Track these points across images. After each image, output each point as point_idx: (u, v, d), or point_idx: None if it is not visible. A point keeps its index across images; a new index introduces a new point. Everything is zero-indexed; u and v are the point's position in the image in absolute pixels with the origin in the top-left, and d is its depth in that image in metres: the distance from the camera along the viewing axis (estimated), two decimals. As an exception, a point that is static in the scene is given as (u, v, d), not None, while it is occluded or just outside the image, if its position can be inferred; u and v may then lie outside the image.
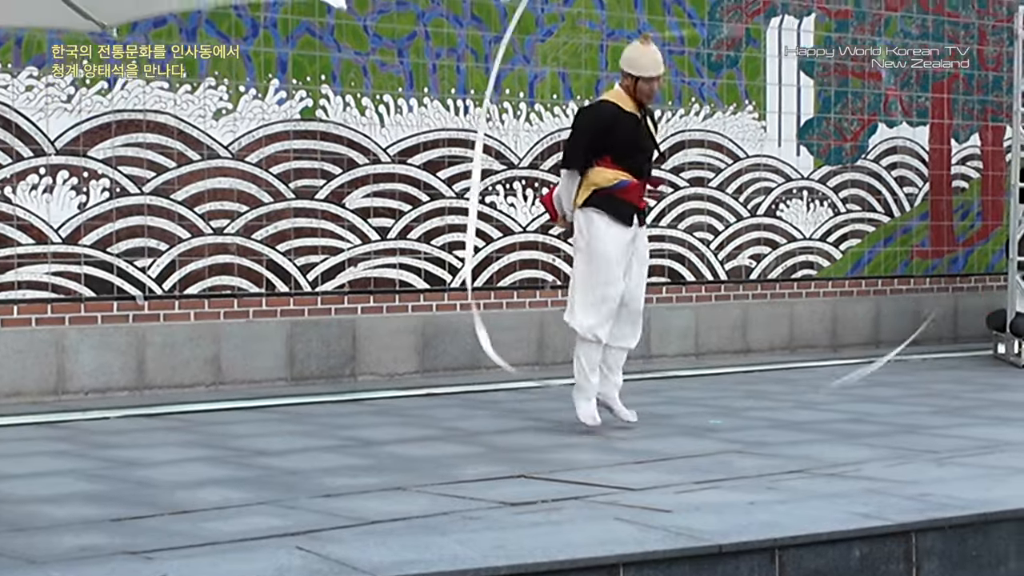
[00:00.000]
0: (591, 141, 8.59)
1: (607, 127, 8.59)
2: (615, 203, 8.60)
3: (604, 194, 8.60)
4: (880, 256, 14.13)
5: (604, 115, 8.65)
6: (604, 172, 8.60)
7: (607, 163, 8.60)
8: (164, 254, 10.49)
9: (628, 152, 8.64)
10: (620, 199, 8.61)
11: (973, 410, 9.78)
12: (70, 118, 10.17)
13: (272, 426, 9.00)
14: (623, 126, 8.62)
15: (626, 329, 8.84)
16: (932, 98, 14.40)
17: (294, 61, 10.97)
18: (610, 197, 8.60)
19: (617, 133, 8.60)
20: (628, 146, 8.64)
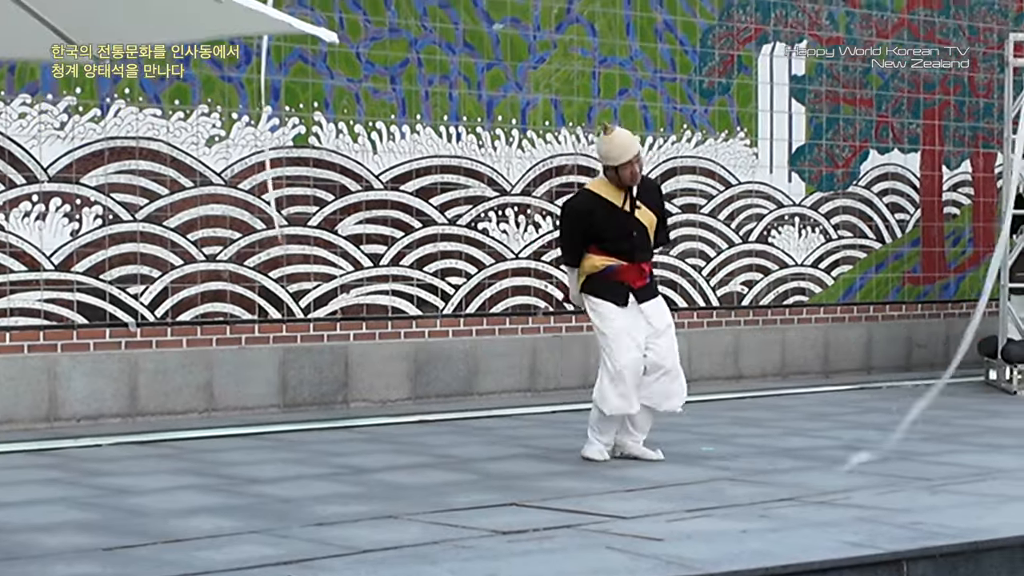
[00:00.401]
0: (573, 233, 8.82)
1: (585, 220, 8.75)
2: (607, 285, 8.73)
3: (596, 278, 8.75)
4: (872, 282, 14.15)
5: (581, 209, 8.82)
6: (592, 260, 8.76)
7: (594, 251, 8.76)
8: (157, 281, 10.49)
9: (611, 239, 8.72)
10: (612, 281, 8.72)
11: (965, 437, 9.79)
12: (63, 145, 10.19)
13: (264, 453, 8.99)
14: (601, 215, 8.73)
15: (657, 389, 8.74)
16: (923, 124, 14.44)
17: (287, 88, 11.00)
18: (601, 280, 8.74)
19: (596, 223, 8.72)
20: (611, 234, 8.72)
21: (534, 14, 12.09)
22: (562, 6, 12.26)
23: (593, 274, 8.75)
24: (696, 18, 12.97)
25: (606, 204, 8.74)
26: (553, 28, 12.21)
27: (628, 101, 12.58)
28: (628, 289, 8.73)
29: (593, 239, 8.73)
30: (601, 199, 8.76)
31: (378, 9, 11.37)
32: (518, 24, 12.01)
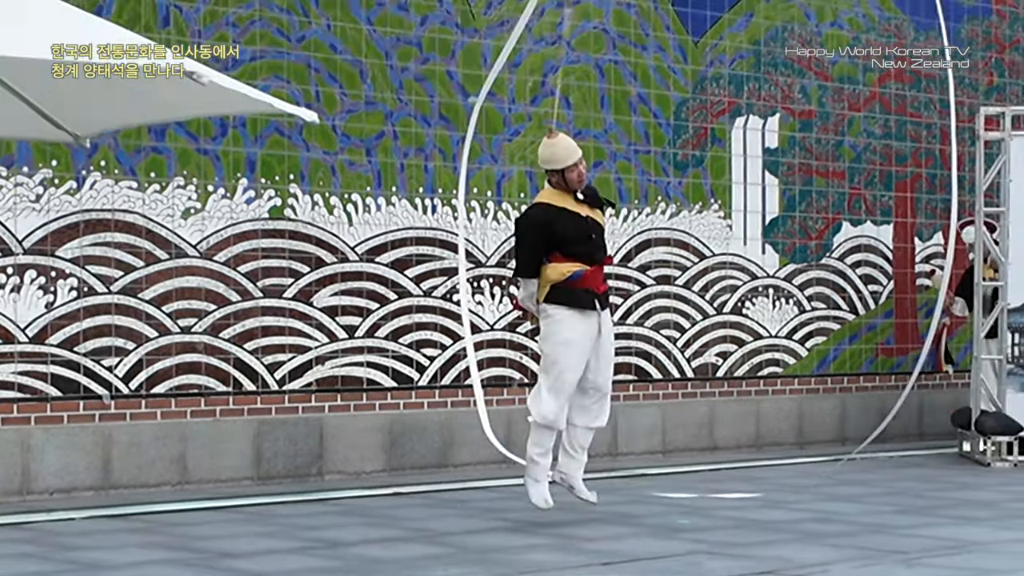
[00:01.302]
0: (535, 244, 8.93)
1: (545, 228, 8.90)
2: (574, 293, 8.89)
3: (561, 287, 8.88)
4: (846, 354, 14.20)
5: (541, 219, 8.95)
6: (557, 267, 8.90)
7: (557, 259, 8.91)
8: (131, 353, 10.47)
9: (574, 243, 8.91)
10: (579, 288, 8.90)
11: (939, 509, 9.80)
12: (38, 218, 10.19)
13: (238, 527, 8.95)
14: (561, 221, 8.91)
15: (595, 409, 9.09)
16: (896, 197, 14.54)
17: (263, 160, 11.03)
18: (568, 289, 8.89)
19: (557, 229, 8.89)
20: (573, 238, 8.91)
21: (509, 87, 12.17)
22: (537, 79, 12.34)
23: (559, 283, 8.88)
24: (670, 91, 13.06)
25: (562, 211, 8.92)
26: (528, 101, 12.29)
27: (603, 173, 12.65)
28: (594, 295, 8.92)
29: (554, 247, 8.88)
30: (556, 208, 8.95)
31: (354, 82, 11.43)
32: (493, 97, 12.08)
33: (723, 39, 13.41)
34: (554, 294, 8.91)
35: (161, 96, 4.93)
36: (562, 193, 9.01)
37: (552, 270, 8.92)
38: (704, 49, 13.31)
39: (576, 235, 8.95)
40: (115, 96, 4.85)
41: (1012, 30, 15.43)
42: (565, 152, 8.95)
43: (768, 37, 13.69)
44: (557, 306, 8.90)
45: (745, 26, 13.55)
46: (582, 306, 8.90)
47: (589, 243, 9.00)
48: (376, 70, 11.53)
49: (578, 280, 8.90)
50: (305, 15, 11.21)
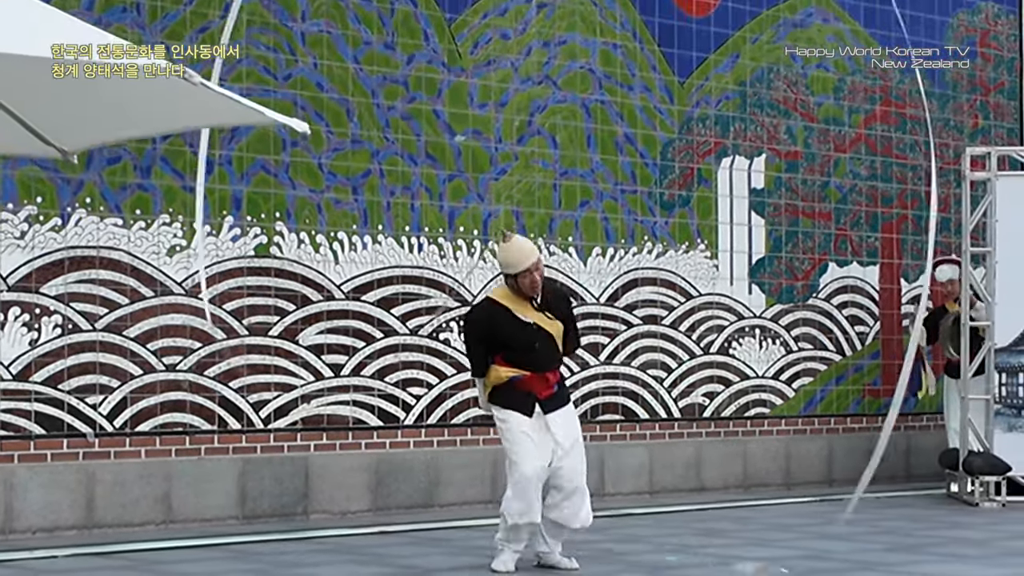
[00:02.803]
0: (479, 346, 8.69)
1: (486, 332, 8.66)
2: (512, 395, 8.60)
3: (501, 389, 8.64)
4: (832, 394, 14.17)
5: (480, 320, 8.77)
6: (497, 370, 8.64)
7: (499, 362, 8.65)
8: (116, 391, 10.41)
9: (513, 350, 8.61)
10: (518, 390, 8.60)
11: (929, 547, 9.76)
12: (23, 254, 10.14)
13: (223, 564, 8.88)
14: (501, 324, 8.62)
15: (564, 507, 8.69)
16: (882, 238, 14.55)
17: (249, 198, 11.00)
18: (507, 390, 8.62)
19: (498, 334, 8.62)
20: (512, 344, 8.60)
21: (495, 126, 12.17)
22: (523, 118, 12.34)
23: (499, 385, 8.62)
24: (656, 131, 13.08)
25: (507, 314, 8.63)
26: (515, 140, 12.29)
27: (589, 213, 12.64)
28: (534, 399, 8.59)
29: (496, 350, 8.63)
30: (502, 308, 8.66)
31: (340, 120, 11.42)
32: (479, 136, 12.09)
33: (709, 80, 13.44)
34: (496, 395, 8.66)
35: (150, 107, 4.90)
36: (514, 295, 8.67)
37: (492, 372, 8.64)
38: (690, 90, 13.33)
39: (517, 343, 8.61)
40: (104, 109, 4.82)
41: (997, 73, 15.49)
42: (518, 256, 8.54)
43: (754, 78, 13.72)
44: (501, 408, 8.64)
45: (731, 67, 13.58)
46: (521, 409, 8.57)
47: (532, 353, 8.62)
48: (363, 108, 11.53)
49: (517, 383, 8.60)
50: (292, 53, 11.21)
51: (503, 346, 8.60)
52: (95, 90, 4.50)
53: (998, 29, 15.52)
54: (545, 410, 8.59)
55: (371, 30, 11.59)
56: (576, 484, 8.64)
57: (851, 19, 14.41)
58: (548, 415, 8.59)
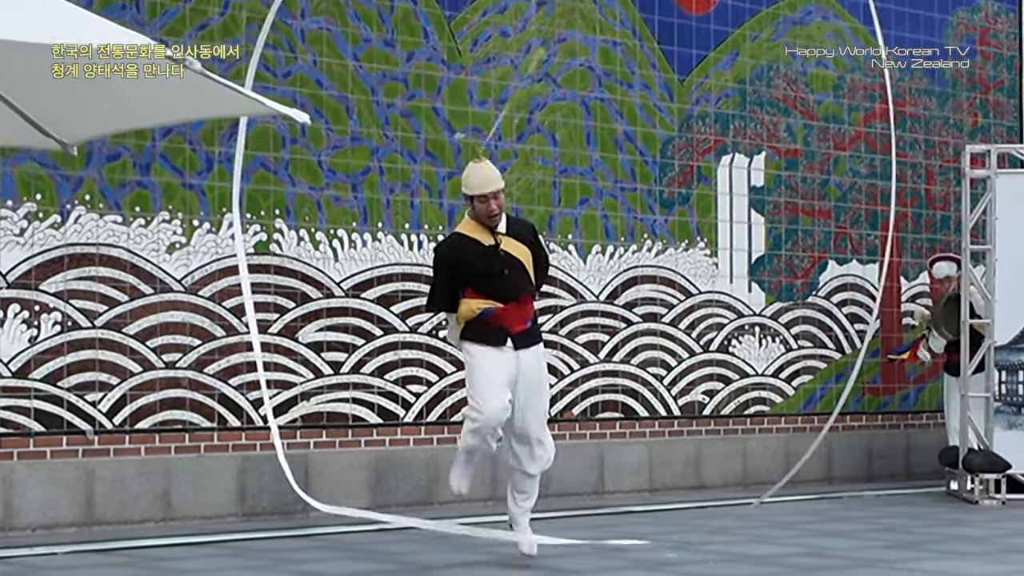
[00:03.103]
0: (444, 279, 8.61)
1: (453, 262, 8.55)
2: (484, 330, 8.50)
3: (474, 324, 8.53)
4: (832, 392, 14.16)
5: (446, 251, 8.64)
6: (468, 303, 8.54)
7: (469, 294, 8.55)
8: (115, 388, 10.40)
9: (483, 280, 8.51)
10: (490, 326, 8.49)
11: (929, 544, 9.75)
12: (22, 251, 10.13)
13: (223, 561, 8.87)
14: (470, 255, 8.52)
15: (522, 455, 8.71)
16: (881, 236, 14.54)
17: (248, 195, 10.99)
18: (479, 325, 8.51)
19: (465, 264, 8.52)
20: (481, 274, 8.50)
21: (495, 124, 12.16)
22: (523, 116, 12.33)
23: (471, 320, 8.52)
24: (656, 129, 13.07)
25: (473, 243, 8.54)
26: (514, 138, 12.28)
27: (589, 210, 12.63)
28: (506, 334, 8.51)
29: (465, 281, 8.53)
30: (468, 239, 8.58)
31: (340, 118, 11.41)
32: (479, 133, 12.08)
33: (709, 78, 13.43)
34: (468, 330, 8.56)
35: (151, 99, 4.89)
36: (479, 225, 8.61)
37: (464, 306, 8.56)
38: (690, 87, 13.33)
39: (484, 270, 8.52)
40: (103, 100, 4.80)
41: (996, 71, 15.48)
42: (479, 179, 8.47)
43: (753, 76, 13.71)
44: (471, 343, 8.54)
45: (731, 65, 13.57)
46: (491, 342, 8.49)
47: (500, 279, 8.54)
48: (362, 106, 11.52)
49: (489, 318, 8.50)
50: (291, 51, 11.20)
51: (472, 275, 8.50)
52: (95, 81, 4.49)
53: (998, 27, 15.51)
54: (516, 345, 8.53)
55: (371, 27, 11.58)
56: (536, 431, 8.63)
57: (851, 16, 14.40)
58: (519, 351, 8.53)
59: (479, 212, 8.51)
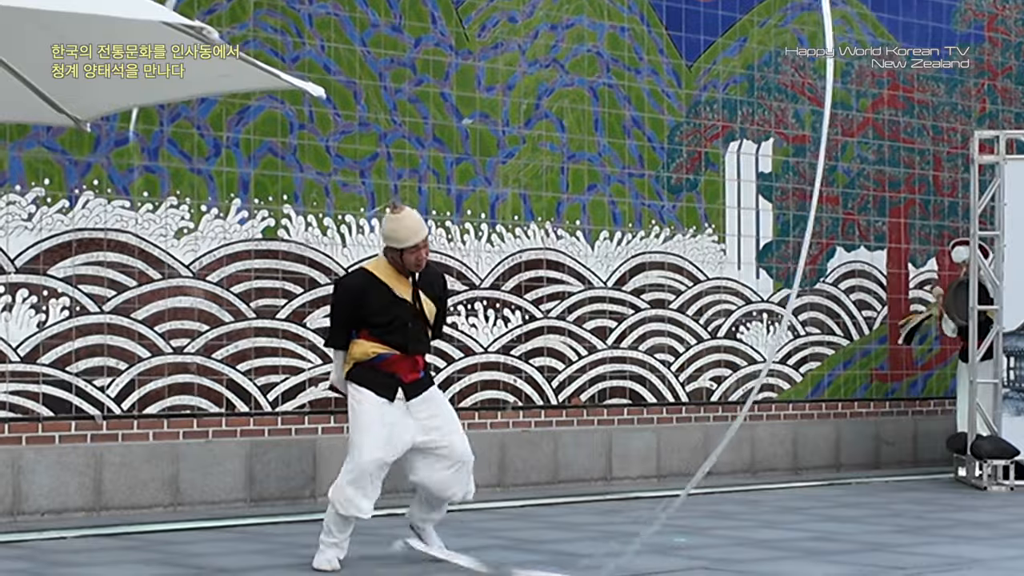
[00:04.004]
0: (347, 316, 8.15)
1: (357, 300, 8.10)
2: (375, 376, 8.07)
3: (364, 366, 8.10)
4: (840, 379, 14.15)
5: (354, 288, 8.17)
6: (362, 345, 8.10)
7: (364, 336, 8.11)
8: (123, 373, 10.39)
9: (384, 325, 8.08)
10: (381, 371, 8.08)
11: (937, 529, 9.74)
12: (30, 236, 10.13)
13: (232, 544, 8.88)
14: (375, 298, 8.08)
15: (449, 480, 8.25)
16: (889, 222, 14.52)
17: (256, 181, 10.98)
18: (371, 370, 8.09)
19: (369, 306, 8.08)
20: (383, 320, 8.08)
21: (503, 110, 12.14)
22: (531, 102, 12.31)
23: (363, 362, 8.08)
24: (664, 115, 13.05)
25: (383, 288, 8.08)
26: (522, 123, 12.26)
27: (596, 196, 12.62)
28: (398, 383, 8.09)
29: (365, 323, 8.08)
30: (378, 281, 8.10)
31: (348, 103, 11.39)
32: (487, 119, 12.06)
33: (716, 63, 13.41)
34: (356, 372, 8.09)
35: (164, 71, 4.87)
36: (394, 270, 8.13)
37: (356, 347, 8.10)
38: (698, 73, 13.31)
39: (388, 319, 8.08)
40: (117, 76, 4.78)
41: (1004, 57, 15.45)
42: (408, 231, 7.98)
43: (761, 62, 13.69)
44: (359, 387, 8.06)
45: (738, 51, 13.55)
46: (383, 392, 8.05)
47: (404, 331, 8.11)
48: (370, 91, 11.51)
49: (382, 363, 8.08)
50: (299, 36, 11.19)
51: (373, 321, 8.06)
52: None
53: (1006, 13, 15.48)
54: (408, 395, 8.10)
55: (378, 13, 11.57)
56: (466, 459, 8.23)
57: (859, 3, 14.37)
58: (410, 400, 8.10)
59: (407, 262, 8.05)
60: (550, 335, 12.32)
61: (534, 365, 12.19)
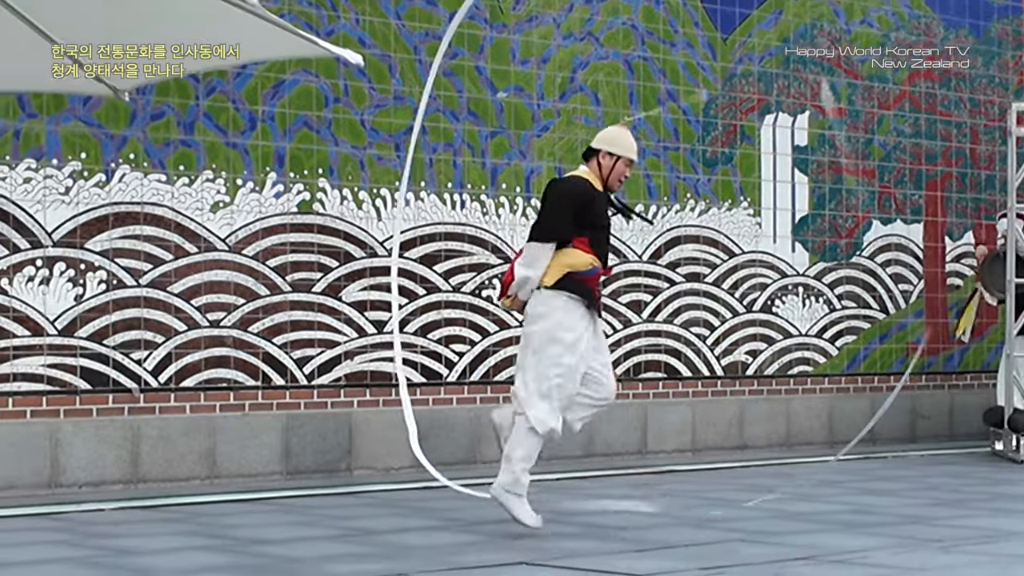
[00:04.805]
0: (571, 215, 7.95)
1: (586, 204, 8.00)
2: (581, 288, 7.97)
3: (578, 278, 7.97)
4: (876, 353, 14.11)
5: (583, 189, 8.04)
6: (581, 255, 7.98)
7: (584, 245, 8.00)
8: (160, 346, 10.43)
9: (600, 236, 8.08)
10: (587, 286, 8.00)
11: (974, 502, 9.71)
12: (68, 210, 10.16)
13: (269, 517, 8.90)
14: (599, 207, 8.10)
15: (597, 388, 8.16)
16: (926, 196, 14.45)
17: (292, 154, 10.99)
18: (582, 283, 7.98)
19: (593, 213, 8.03)
20: (601, 230, 8.09)
21: (538, 83, 12.12)
22: (566, 75, 12.29)
23: (573, 273, 7.94)
24: (699, 88, 13.00)
25: (601, 196, 8.13)
26: (557, 97, 12.23)
27: (632, 170, 12.54)
28: (591, 300, 8.02)
29: (585, 229, 7.96)
30: (596, 190, 8.12)
31: (383, 77, 11.39)
32: (522, 93, 12.04)
33: (752, 36, 13.35)
34: (567, 282, 7.91)
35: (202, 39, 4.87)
36: (599, 180, 8.16)
37: (573, 255, 7.94)
38: (733, 46, 13.25)
39: (604, 227, 8.13)
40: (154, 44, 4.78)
41: (1042, 29, 15.36)
42: (631, 144, 8.21)
43: (797, 35, 13.63)
44: (567, 296, 7.92)
45: (774, 23, 13.49)
46: (588, 305, 7.99)
47: (607, 245, 8.18)
48: (405, 65, 11.50)
49: (589, 277, 8.01)
50: (334, 9, 11.18)
51: (597, 224, 8.01)
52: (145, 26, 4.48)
53: (1044, -15, 15.37)
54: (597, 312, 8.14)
55: (413, -14, 11.56)
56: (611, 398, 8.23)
57: (895, -25, 14.30)
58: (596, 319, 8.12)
59: (619, 172, 8.15)
60: (585, 309, 12.30)
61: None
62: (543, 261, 7.96)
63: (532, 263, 7.99)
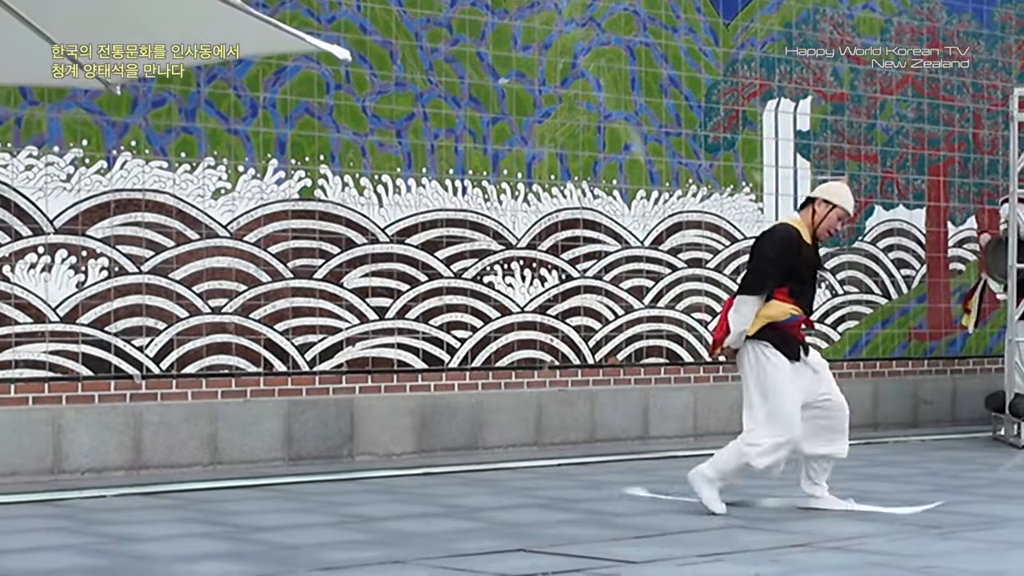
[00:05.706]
0: (783, 266, 8.30)
1: (796, 252, 8.34)
2: (785, 338, 8.31)
3: (778, 328, 8.28)
4: (878, 338, 14.12)
5: (792, 243, 8.37)
6: (781, 305, 8.28)
7: (783, 295, 8.29)
8: (162, 333, 10.46)
9: (804, 286, 8.38)
10: (790, 335, 8.34)
11: (973, 488, 9.73)
12: (69, 197, 10.18)
13: (270, 503, 8.93)
14: (806, 257, 8.40)
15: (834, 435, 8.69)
16: (928, 181, 14.45)
17: (293, 141, 11.00)
18: (783, 332, 8.30)
19: (800, 263, 8.36)
20: (806, 280, 8.40)
21: (539, 69, 12.12)
22: (567, 61, 12.29)
23: (775, 323, 8.26)
24: (701, 73, 13.00)
25: (808, 246, 8.44)
26: (558, 83, 12.24)
27: (633, 156, 12.59)
28: (799, 346, 8.39)
29: (787, 280, 8.28)
30: (803, 238, 8.43)
31: (384, 63, 11.40)
32: (523, 79, 12.05)
33: (754, 21, 13.35)
34: (767, 333, 8.26)
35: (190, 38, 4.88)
36: (808, 232, 8.47)
37: (774, 306, 8.27)
38: (735, 31, 13.25)
39: (809, 277, 8.43)
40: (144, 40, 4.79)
41: (1045, 13, 15.34)
42: (849, 197, 8.58)
43: (799, 20, 13.62)
44: (768, 347, 8.27)
45: (776, 8, 13.48)
46: (789, 354, 8.30)
47: (811, 294, 8.48)
48: (406, 51, 11.51)
49: (792, 325, 8.31)
50: (335, -4, 11.19)
51: (799, 276, 8.32)
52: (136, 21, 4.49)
53: (1047, -31, 15.35)
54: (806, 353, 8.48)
55: (414, -28, 11.56)
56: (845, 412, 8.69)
57: (898, -40, 14.28)
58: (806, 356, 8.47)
59: (826, 223, 8.46)
60: (587, 295, 12.33)
61: (571, 325, 12.20)
62: (750, 311, 8.31)
63: (742, 312, 8.34)
